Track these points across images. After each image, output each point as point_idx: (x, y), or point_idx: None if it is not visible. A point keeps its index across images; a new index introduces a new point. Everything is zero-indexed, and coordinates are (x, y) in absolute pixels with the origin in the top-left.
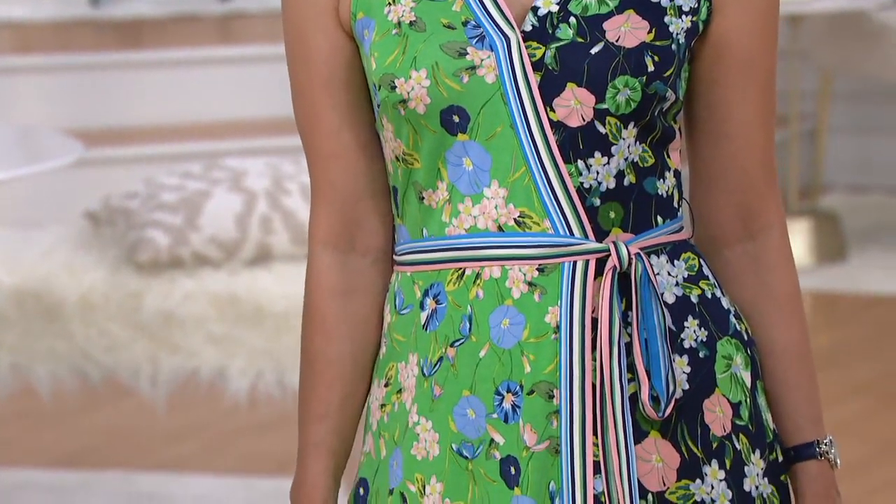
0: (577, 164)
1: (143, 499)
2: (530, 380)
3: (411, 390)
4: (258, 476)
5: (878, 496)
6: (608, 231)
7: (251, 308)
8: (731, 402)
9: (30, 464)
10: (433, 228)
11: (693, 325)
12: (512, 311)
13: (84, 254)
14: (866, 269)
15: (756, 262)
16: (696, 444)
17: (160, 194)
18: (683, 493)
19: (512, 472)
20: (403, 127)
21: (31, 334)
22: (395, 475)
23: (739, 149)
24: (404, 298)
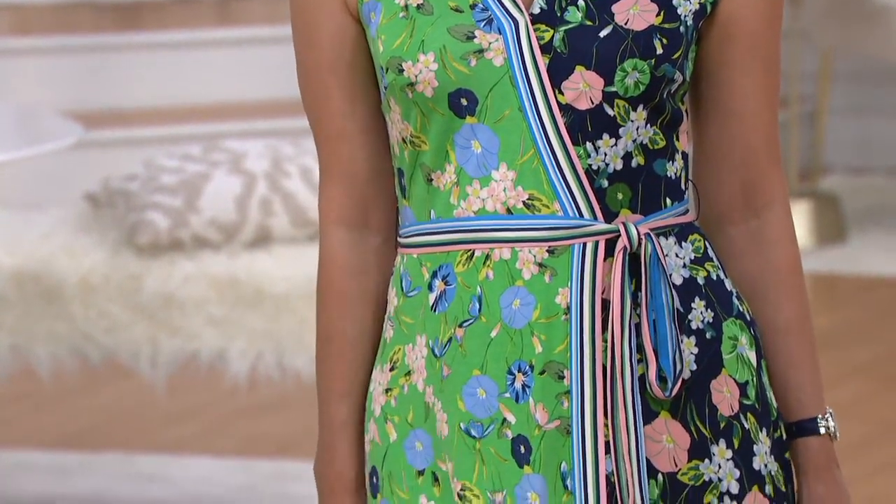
0: (586, 146)
1: (143, 480)
2: (541, 360)
3: (422, 371)
4: (258, 458)
5: (877, 477)
6: (616, 212)
7: (251, 290)
8: (737, 383)
9: (30, 444)
10: (440, 210)
11: (700, 307)
12: (522, 291)
13: (84, 236)
14: (866, 250)
15: (759, 238)
16: (705, 425)
17: (160, 176)
18: (694, 474)
19: (522, 450)
20: (411, 110)
21: (31, 316)
22: (421, 456)
23: (744, 126)
24: (411, 281)
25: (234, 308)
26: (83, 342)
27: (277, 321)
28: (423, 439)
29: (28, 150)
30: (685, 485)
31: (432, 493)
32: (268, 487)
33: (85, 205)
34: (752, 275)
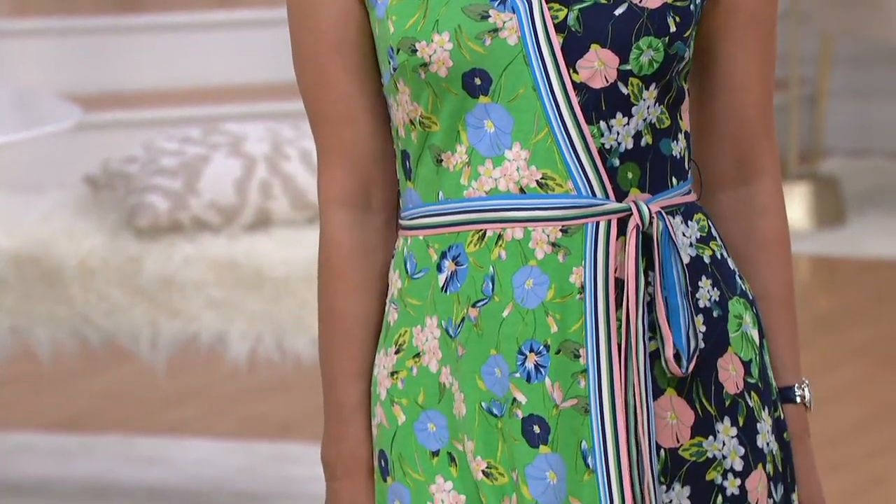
0: (599, 125)
1: (143, 462)
2: (557, 339)
3: (436, 352)
4: (258, 440)
5: (876, 458)
6: (627, 191)
7: (251, 273)
8: (742, 361)
9: (30, 427)
10: (449, 191)
11: (707, 285)
12: (536, 271)
13: (83, 218)
14: (865, 233)
15: (748, 207)
16: (710, 402)
17: (159, 159)
18: (697, 450)
19: (536, 430)
20: (423, 90)
21: (30, 298)
22: (434, 437)
23: (739, 100)
24: (417, 263)
25: (233, 290)
26: (83, 325)
27: (277, 303)
28: (437, 420)
29: (27, 133)
30: (686, 460)
31: (449, 473)
32: (268, 469)
33: (84, 187)
34: (737, 241)
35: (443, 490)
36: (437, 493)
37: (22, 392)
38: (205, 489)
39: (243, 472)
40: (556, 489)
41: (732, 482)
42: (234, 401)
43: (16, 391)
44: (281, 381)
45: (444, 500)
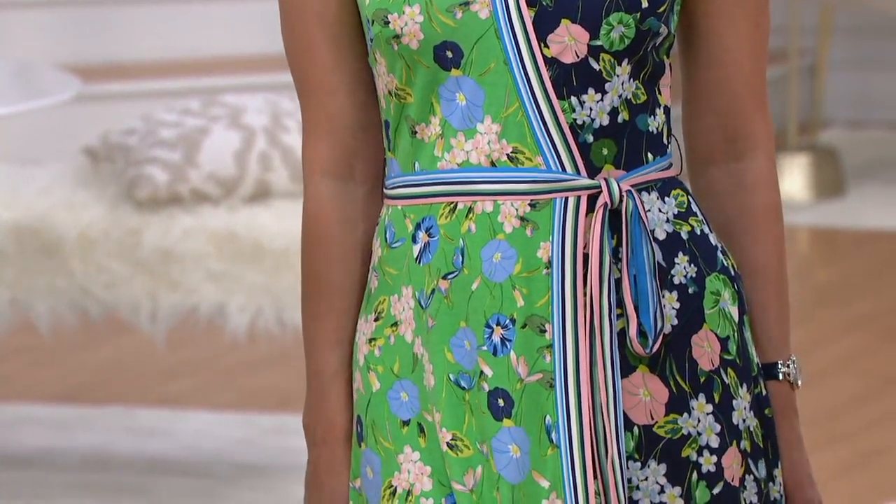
0: (571, 101)
1: (143, 434)
2: (523, 314)
3: (410, 322)
4: (257, 412)
5: (875, 430)
6: (600, 168)
7: (250, 245)
8: (719, 337)
9: (30, 398)
10: (425, 162)
11: (683, 262)
12: (504, 245)
13: (83, 190)
14: (865, 204)
15: (739, 182)
16: (684, 379)
17: (159, 131)
18: (672, 427)
19: (500, 404)
20: (397, 62)
21: (30, 270)
22: (406, 406)
23: (729, 74)
24: (395, 232)
25: (233, 263)
26: (83, 297)
27: (276, 276)
28: (410, 390)
29: (26, 105)
30: (661, 437)
31: (417, 443)
32: (267, 441)
33: (83, 159)
34: (729, 216)
35: (410, 460)
36: (405, 463)
37: (22, 364)
38: (204, 460)
39: (242, 443)
40: (520, 463)
41: (708, 459)
42: (233, 373)
43: (16, 363)
44: (280, 354)
45: (410, 470)
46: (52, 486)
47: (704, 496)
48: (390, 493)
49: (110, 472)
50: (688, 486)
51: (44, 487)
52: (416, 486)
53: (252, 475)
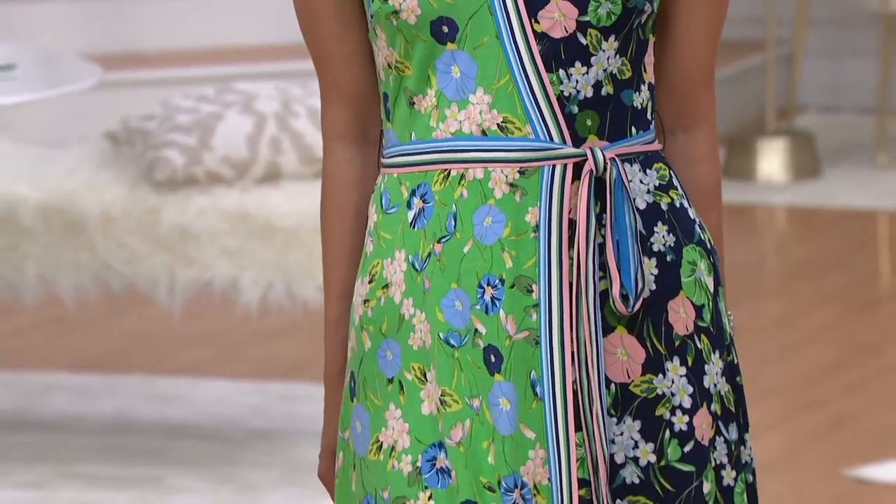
0: (559, 73)
1: (162, 400)
2: (511, 274)
3: (400, 284)
4: (269, 380)
5: (849, 396)
6: (585, 138)
7: (261, 223)
8: (694, 305)
9: (56, 367)
10: (420, 132)
11: (662, 231)
12: (494, 209)
13: (104, 172)
14: (839, 184)
15: (687, 154)
16: (660, 342)
17: (176, 116)
18: (647, 387)
19: (493, 359)
20: (396, 37)
21: (55, 247)
22: (391, 365)
23: (682, 54)
24: (391, 198)
25: (245, 240)
26: (105, 272)
27: (286, 252)
28: (394, 348)
29: (51, 91)
30: (637, 396)
31: (399, 401)
32: (278, 407)
33: (105, 143)
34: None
35: (394, 417)
36: (391, 420)
37: (49, 335)
38: (219, 426)
39: (255, 409)
40: (510, 415)
41: (681, 418)
42: (246, 344)
43: (43, 334)
44: (290, 326)
45: (394, 427)
46: (76, 449)
47: (676, 453)
48: (377, 448)
49: (131, 436)
50: (660, 443)
51: (69, 450)
52: (399, 443)
53: (263, 439)
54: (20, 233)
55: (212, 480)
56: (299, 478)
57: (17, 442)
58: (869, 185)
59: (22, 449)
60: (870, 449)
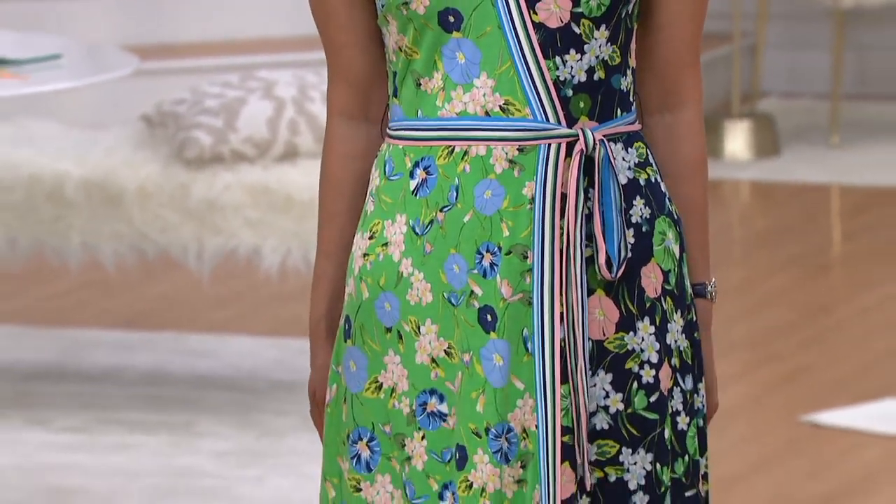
0: (555, 60)
1: (193, 355)
2: (508, 242)
3: (399, 245)
4: (287, 337)
5: (804, 351)
6: (577, 119)
7: (281, 197)
8: (662, 270)
9: (98, 325)
10: (427, 110)
11: (640, 204)
12: (494, 183)
13: (141, 151)
14: (796, 162)
15: (672, 132)
16: (633, 303)
17: (204, 101)
18: (619, 343)
19: (488, 319)
20: (407, 25)
21: (97, 218)
22: (389, 316)
23: (667, 38)
24: (394, 166)
25: (266, 212)
26: (141, 240)
27: (303, 223)
28: (392, 301)
29: (93, 79)
30: (610, 351)
31: (398, 348)
32: (296, 361)
33: (141, 125)
34: (662, 160)
35: (393, 362)
36: (389, 364)
37: (91, 296)
38: (243, 377)
39: (275, 362)
40: (502, 369)
41: (648, 372)
42: (267, 304)
43: (86, 295)
44: (306, 288)
45: (393, 371)
46: (116, 398)
47: (642, 402)
48: (376, 387)
49: (165, 386)
50: (628, 393)
51: (109, 399)
52: (399, 386)
53: (283, 390)
54: (65, 205)
55: (237, 426)
56: None
57: (63, 391)
58: (823, 163)
59: (67, 398)
60: (822, 397)
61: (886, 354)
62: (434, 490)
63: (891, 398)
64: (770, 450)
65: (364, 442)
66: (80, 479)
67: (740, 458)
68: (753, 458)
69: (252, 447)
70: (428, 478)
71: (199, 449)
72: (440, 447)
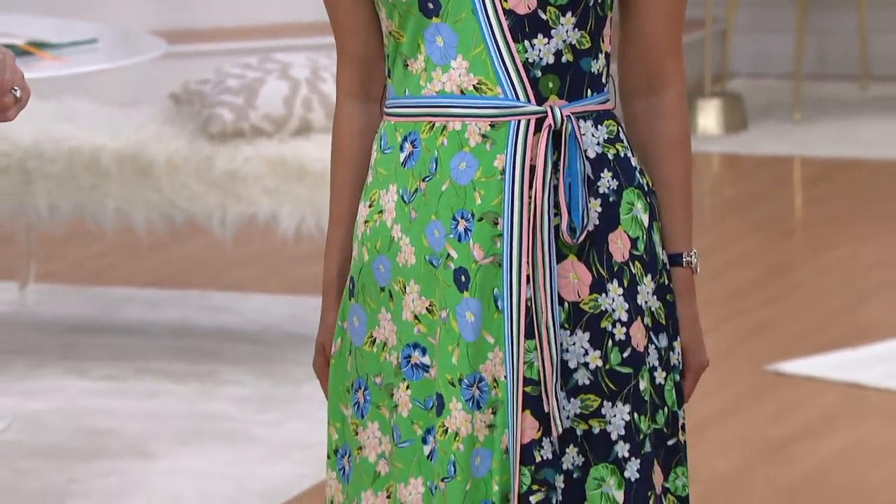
0: (524, 43)
1: (217, 311)
2: (480, 209)
3: (391, 212)
4: (303, 294)
5: (769, 306)
6: (546, 97)
7: (296, 168)
8: (630, 237)
9: (131, 283)
10: (413, 89)
11: (607, 176)
12: (468, 156)
13: (169, 126)
14: (762, 136)
15: (656, 112)
16: (603, 267)
17: (226, 81)
18: (593, 304)
19: (462, 279)
20: (393, 11)
21: (129, 187)
22: (383, 276)
23: (650, 25)
24: (388, 141)
25: (283, 182)
26: (169, 207)
27: (317, 191)
28: (385, 263)
29: (126, 61)
30: (585, 312)
31: (389, 306)
32: (309, 317)
33: (169, 103)
34: (647, 139)
35: (385, 318)
36: (382, 321)
37: (125, 257)
38: (263, 331)
39: (292, 318)
40: (474, 325)
41: (620, 330)
42: (284, 265)
43: (120, 257)
44: (319, 251)
45: (385, 327)
46: (147, 350)
47: (616, 358)
48: (371, 342)
49: (191, 339)
50: (605, 350)
51: (141, 351)
52: (389, 340)
53: (299, 342)
54: (101, 175)
55: (256, 375)
56: None
57: (99, 343)
58: (786, 137)
59: (103, 349)
60: (785, 348)
61: (843, 310)
62: (418, 434)
63: (847, 349)
64: (737, 396)
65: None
66: (115, 422)
67: (710, 404)
68: (722, 403)
69: (270, 394)
70: (412, 424)
71: (221, 395)
72: (423, 396)
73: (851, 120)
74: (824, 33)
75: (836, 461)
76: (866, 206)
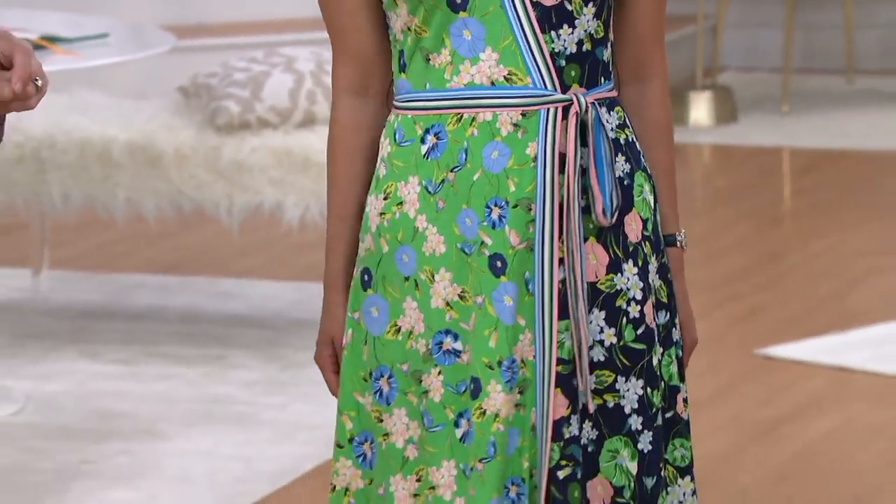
0: (551, 34)
1: (225, 297)
2: (514, 197)
3: (414, 203)
4: (307, 281)
5: (759, 292)
6: (570, 86)
7: (301, 159)
8: (641, 218)
9: (142, 270)
10: (435, 83)
11: (621, 161)
12: (500, 145)
13: (178, 118)
14: (752, 127)
15: (642, 100)
16: (619, 248)
17: (233, 74)
18: (609, 284)
19: (498, 265)
20: (418, 7)
21: (140, 176)
22: (407, 267)
23: (636, 17)
24: (405, 134)
25: (288, 172)
26: (178, 196)
27: (320, 182)
28: (409, 254)
29: (137, 54)
30: (602, 291)
31: (415, 295)
32: (314, 303)
33: (178, 95)
34: (635, 126)
35: (410, 308)
36: (408, 310)
37: (136, 245)
38: (269, 316)
39: (297, 304)
40: (511, 309)
41: (634, 308)
42: (289, 253)
43: (131, 244)
44: (323, 239)
45: (411, 315)
46: (158, 334)
47: (631, 335)
48: (395, 330)
49: (200, 325)
50: (619, 328)
51: (152, 335)
52: (416, 328)
53: (303, 328)
54: (112, 165)
55: (263, 359)
56: None
57: (111, 328)
58: (775, 128)
59: (115, 334)
60: (774, 333)
61: (830, 296)
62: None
63: (834, 334)
64: (728, 379)
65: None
66: (127, 405)
67: (702, 387)
68: (714, 387)
69: (277, 377)
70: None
71: (230, 379)
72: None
73: (838, 112)
74: (812, 29)
75: (824, 442)
76: (853, 195)
